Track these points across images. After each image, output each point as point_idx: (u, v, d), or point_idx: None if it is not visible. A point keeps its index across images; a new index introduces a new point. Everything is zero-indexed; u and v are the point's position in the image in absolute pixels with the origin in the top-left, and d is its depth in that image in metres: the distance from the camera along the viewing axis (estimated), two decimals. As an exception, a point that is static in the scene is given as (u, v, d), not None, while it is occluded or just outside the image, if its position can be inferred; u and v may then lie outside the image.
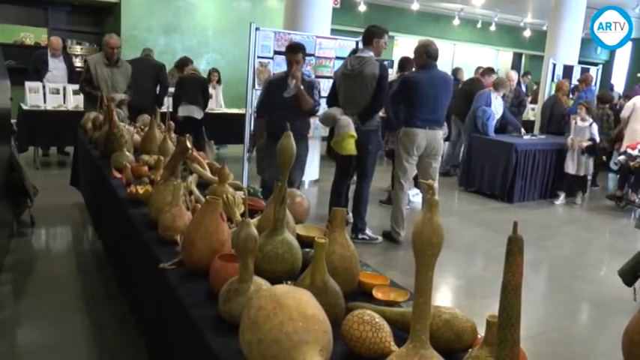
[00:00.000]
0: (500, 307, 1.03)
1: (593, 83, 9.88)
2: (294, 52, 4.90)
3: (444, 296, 4.37)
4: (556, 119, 9.35)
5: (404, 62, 6.93)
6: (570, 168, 7.79)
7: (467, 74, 11.08)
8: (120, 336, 3.33)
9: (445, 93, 5.33)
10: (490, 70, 9.13)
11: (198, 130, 7.78)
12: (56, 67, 8.33)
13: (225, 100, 9.99)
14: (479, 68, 10.27)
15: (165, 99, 7.90)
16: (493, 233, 6.24)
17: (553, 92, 9.76)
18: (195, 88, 7.81)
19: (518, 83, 10.29)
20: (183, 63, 8.94)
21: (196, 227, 2.06)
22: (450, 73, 9.42)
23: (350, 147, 4.98)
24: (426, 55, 5.28)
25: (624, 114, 8.84)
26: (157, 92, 7.77)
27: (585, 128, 7.67)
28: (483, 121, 7.94)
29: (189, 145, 2.60)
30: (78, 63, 11.24)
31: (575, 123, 7.77)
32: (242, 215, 2.47)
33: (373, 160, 5.37)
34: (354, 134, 4.94)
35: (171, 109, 7.55)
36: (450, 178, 8.87)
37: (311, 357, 1.25)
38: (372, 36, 5.20)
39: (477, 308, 4.08)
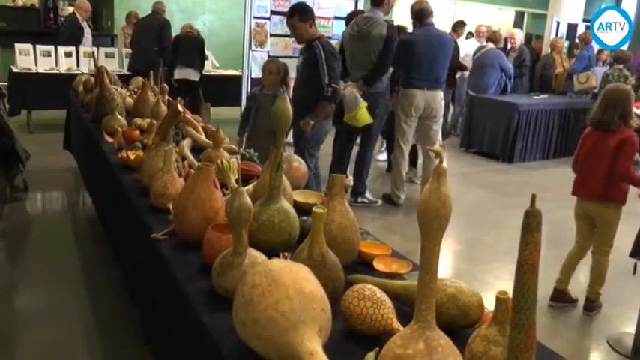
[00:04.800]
0: (514, 288, 0.94)
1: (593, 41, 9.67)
2: (288, 16, 4.30)
3: (443, 261, 4.30)
4: (545, 78, 9.23)
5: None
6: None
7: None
8: (115, 304, 3.27)
9: (443, 52, 5.22)
10: (462, 23, 8.85)
11: (194, 93, 7.62)
12: (87, 31, 8.34)
13: (221, 62, 9.77)
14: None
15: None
16: (494, 195, 6.17)
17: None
18: (191, 48, 7.60)
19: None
20: None
21: (188, 195, 1.97)
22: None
23: (365, 118, 4.84)
24: (414, 17, 5.26)
25: None
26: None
27: None
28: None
29: (180, 108, 2.49)
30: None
31: None
32: (236, 182, 2.37)
33: (379, 124, 5.24)
34: (364, 103, 4.80)
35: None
36: (449, 140, 8.75)
37: (309, 338, 1.16)
38: None
39: (478, 273, 4.01)
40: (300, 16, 4.17)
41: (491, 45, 7.95)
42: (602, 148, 3.39)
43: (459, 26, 8.58)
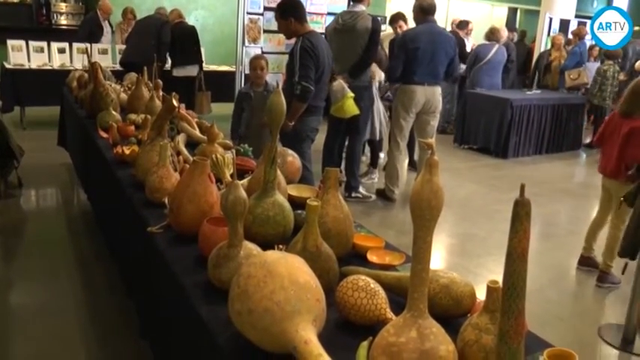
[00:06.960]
0: (504, 275, 0.96)
1: (586, 37, 9.72)
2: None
3: (437, 255, 4.34)
4: (540, 74, 9.35)
5: (393, 18, 6.75)
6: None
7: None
8: (111, 298, 3.28)
9: (443, 48, 5.21)
10: (465, 23, 8.96)
11: (193, 86, 7.62)
12: (107, 30, 8.62)
13: (214, 58, 9.77)
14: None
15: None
16: (487, 190, 6.20)
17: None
18: (187, 42, 7.60)
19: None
20: None
21: (184, 189, 1.98)
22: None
23: (352, 108, 4.88)
24: (420, 10, 5.21)
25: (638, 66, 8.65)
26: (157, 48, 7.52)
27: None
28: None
29: (175, 103, 2.50)
30: (63, 21, 10.91)
31: None
32: (231, 176, 2.39)
33: (365, 117, 5.27)
34: (351, 94, 4.83)
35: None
36: (445, 135, 8.77)
37: (304, 328, 1.19)
38: None
39: (472, 267, 4.06)
40: (280, 14, 4.09)
41: (495, 43, 8.10)
42: (618, 132, 3.74)
43: (462, 25, 8.79)
